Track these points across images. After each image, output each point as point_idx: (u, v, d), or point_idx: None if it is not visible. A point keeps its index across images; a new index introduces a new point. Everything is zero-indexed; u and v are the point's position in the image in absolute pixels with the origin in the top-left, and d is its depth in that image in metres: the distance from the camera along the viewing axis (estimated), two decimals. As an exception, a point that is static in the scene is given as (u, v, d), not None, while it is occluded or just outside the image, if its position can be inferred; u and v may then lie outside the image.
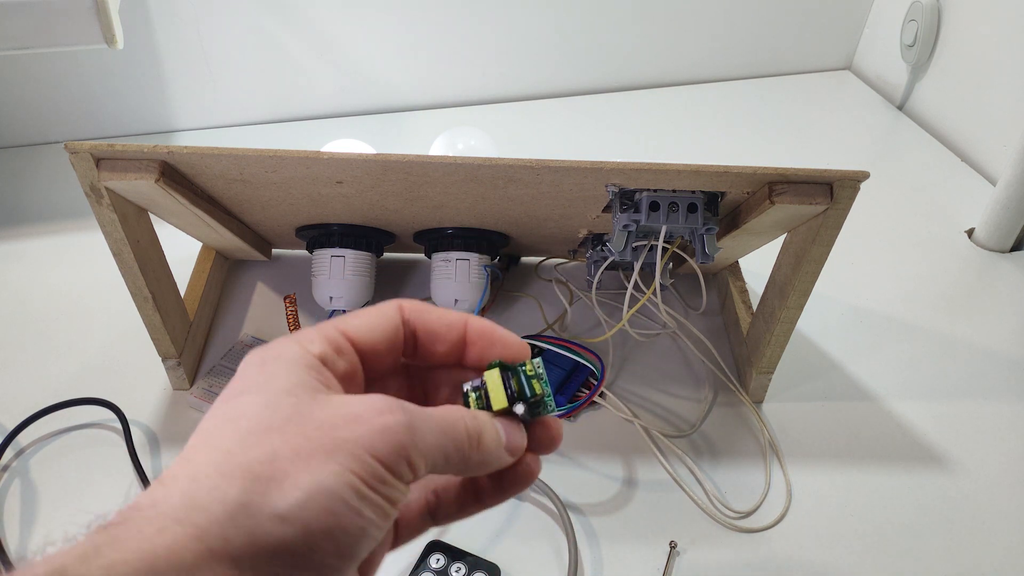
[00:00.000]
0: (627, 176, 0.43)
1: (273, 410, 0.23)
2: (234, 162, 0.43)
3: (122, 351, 0.57)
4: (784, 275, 0.49)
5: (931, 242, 0.71)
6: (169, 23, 0.77)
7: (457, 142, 0.69)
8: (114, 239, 0.45)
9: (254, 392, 0.24)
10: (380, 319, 0.27)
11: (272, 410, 0.23)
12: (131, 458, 0.49)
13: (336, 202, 0.49)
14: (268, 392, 0.24)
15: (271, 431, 0.23)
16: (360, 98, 0.87)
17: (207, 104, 0.83)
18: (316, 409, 0.23)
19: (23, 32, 0.53)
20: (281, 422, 0.23)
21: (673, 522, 0.47)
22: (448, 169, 0.43)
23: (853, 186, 0.42)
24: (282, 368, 0.24)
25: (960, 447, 0.52)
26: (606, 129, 0.86)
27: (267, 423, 0.23)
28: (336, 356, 0.26)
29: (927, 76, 0.87)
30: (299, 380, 0.24)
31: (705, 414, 0.54)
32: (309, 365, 0.25)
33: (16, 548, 0.45)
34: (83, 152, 0.41)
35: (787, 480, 0.50)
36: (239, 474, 0.22)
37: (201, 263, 0.60)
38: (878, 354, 0.59)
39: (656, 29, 0.89)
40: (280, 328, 0.57)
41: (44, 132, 0.80)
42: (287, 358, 0.25)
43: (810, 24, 0.94)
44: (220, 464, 0.22)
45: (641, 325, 0.61)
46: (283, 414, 0.23)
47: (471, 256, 0.54)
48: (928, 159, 0.82)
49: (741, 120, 0.88)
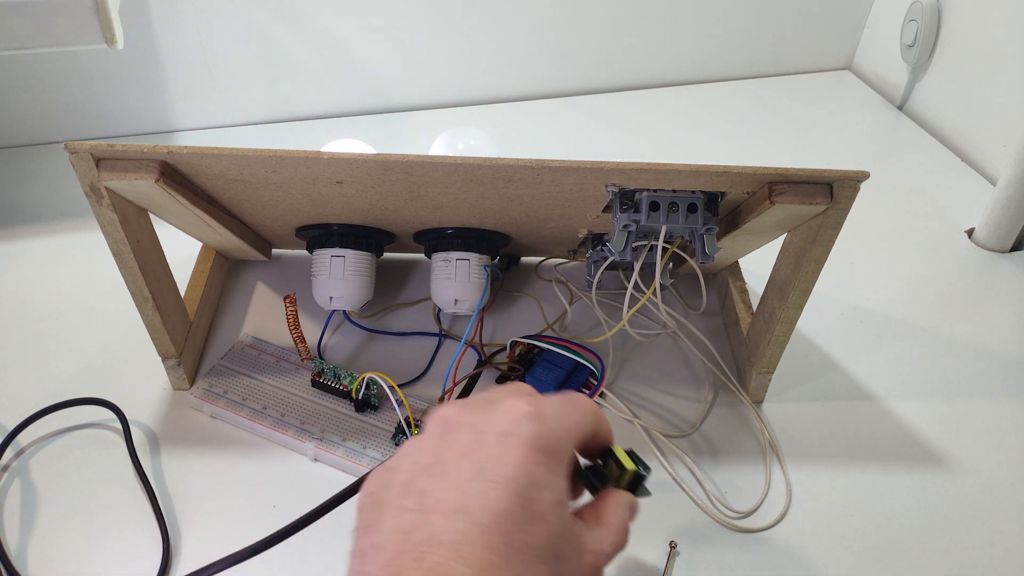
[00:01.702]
0: (627, 176, 0.43)
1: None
2: (234, 162, 0.43)
3: (122, 351, 0.57)
4: (784, 275, 0.49)
5: (931, 242, 0.71)
6: (169, 23, 0.77)
7: (457, 142, 0.69)
8: (114, 239, 0.45)
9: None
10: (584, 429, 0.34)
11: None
12: (131, 458, 0.49)
13: (336, 202, 0.49)
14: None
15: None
16: (360, 98, 0.87)
17: (207, 104, 0.83)
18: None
19: (23, 32, 0.53)
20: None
21: (673, 522, 0.47)
22: (448, 169, 0.43)
23: (853, 186, 0.42)
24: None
25: (960, 447, 0.52)
26: (606, 129, 0.86)
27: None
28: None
29: (927, 76, 0.87)
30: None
31: (705, 414, 0.54)
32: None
33: (16, 548, 0.45)
34: (83, 152, 0.41)
35: (787, 480, 0.50)
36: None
37: (201, 263, 0.60)
38: (878, 354, 0.59)
39: (656, 29, 0.90)
40: (280, 328, 0.58)
41: (44, 132, 0.80)
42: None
43: (810, 24, 0.94)
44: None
45: (641, 325, 0.61)
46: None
47: (471, 256, 0.54)
48: (928, 159, 0.82)
49: (741, 120, 0.88)
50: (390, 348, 0.58)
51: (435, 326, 0.60)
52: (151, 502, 0.47)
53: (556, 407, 0.32)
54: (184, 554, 0.45)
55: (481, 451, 0.30)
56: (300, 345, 0.54)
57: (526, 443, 0.30)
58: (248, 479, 0.49)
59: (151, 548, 0.45)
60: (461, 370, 0.53)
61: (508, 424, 0.31)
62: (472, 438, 0.31)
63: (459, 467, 0.30)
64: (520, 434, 0.30)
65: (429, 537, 0.27)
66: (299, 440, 0.50)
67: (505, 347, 0.56)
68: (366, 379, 0.51)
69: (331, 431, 0.50)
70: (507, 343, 0.56)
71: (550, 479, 0.30)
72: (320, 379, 0.52)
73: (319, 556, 0.44)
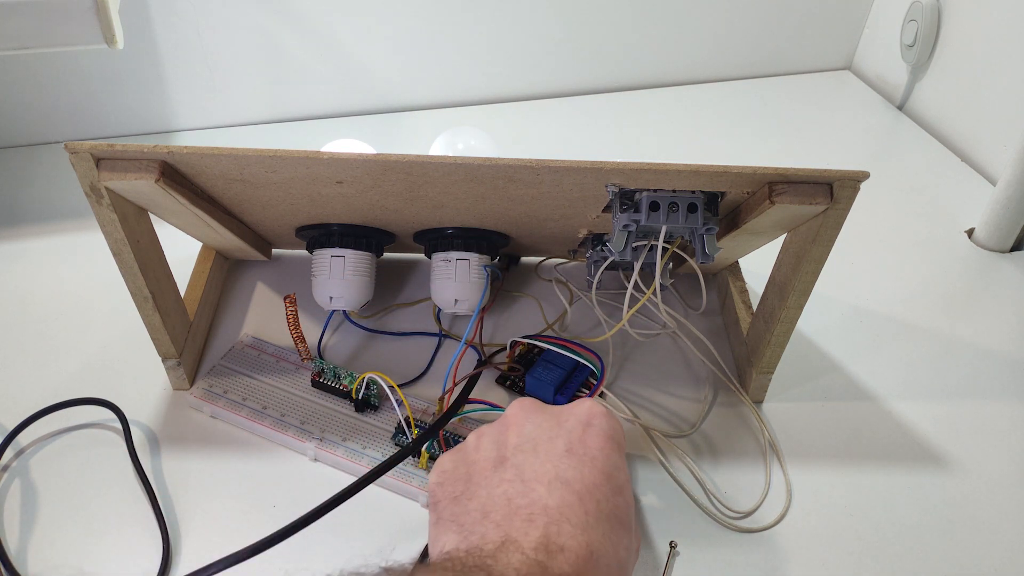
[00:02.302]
0: (627, 176, 0.43)
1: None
2: (234, 162, 0.43)
3: (122, 351, 0.57)
4: (784, 275, 0.49)
5: (931, 242, 0.71)
6: (169, 23, 0.77)
7: (457, 142, 0.69)
8: (114, 239, 0.45)
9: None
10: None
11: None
12: (131, 458, 0.49)
13: (336, 202, 0.49)
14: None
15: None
16: (360, 98, 0.87)
17: (207, 104, 0.83)
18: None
19: (23, 32, 0.53)
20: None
21: (673, 522, 0.47)
22: (448, 169, 0.43)
23: (853, 186, 0.42)
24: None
25: (960, 447, 0.52)
26: (606, 129, 0.86)
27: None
28: None
29: (927, 76, 0.87)
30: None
31: (705, 414, 0.54)
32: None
33: (16, 548, 0.45)
34: (83, 152, 0.41)
35: (787, 480, 0.50)
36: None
37: (201, 263, 0.60)
38: (878, 354, 0.59)
39: (656, 29, 0.90)
40: (280, 328, 0.58)
41: (44, 132, 0.80)
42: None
43: (810, 24, 0.94)
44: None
45: (641, 325, 0.61)
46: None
47: (471, 256, 0.54)
48: (928, 159, 0.82)
49: (741, 120, 0.88)
50: (390, 348, 0.58)
51: (435, 326, 0.60)
52: (151, 502, 0.47)
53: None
54: (184, 554, 0.45)
55: (566, 435, 0.38)
56: (300, 345, 0.54)
57: (604, 432, 0.38)
58: (248, 479, 0.49)
59: (151, 548, 0.45)
60: (461, 370, 0.53)
61: (588, 416, 0.39)
62: (555, 424, 0.39)
63: (549, 447, 0.37)
64: (599, 425, 0.38)
65: (533, 502, 0.34)
66: (299, 440, 0.50)
67: (505, 347, 0.56)
68: (366, 379, 0.51)
69: (331, 431, 0.50)
70: (507, 343, 0.56)
71: (622, 462, 0.37)
72: (320, 379, 0.52)
73: (319, 556, 0.44)
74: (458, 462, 0.39)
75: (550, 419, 0.39)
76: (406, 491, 0.48)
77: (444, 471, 0.39)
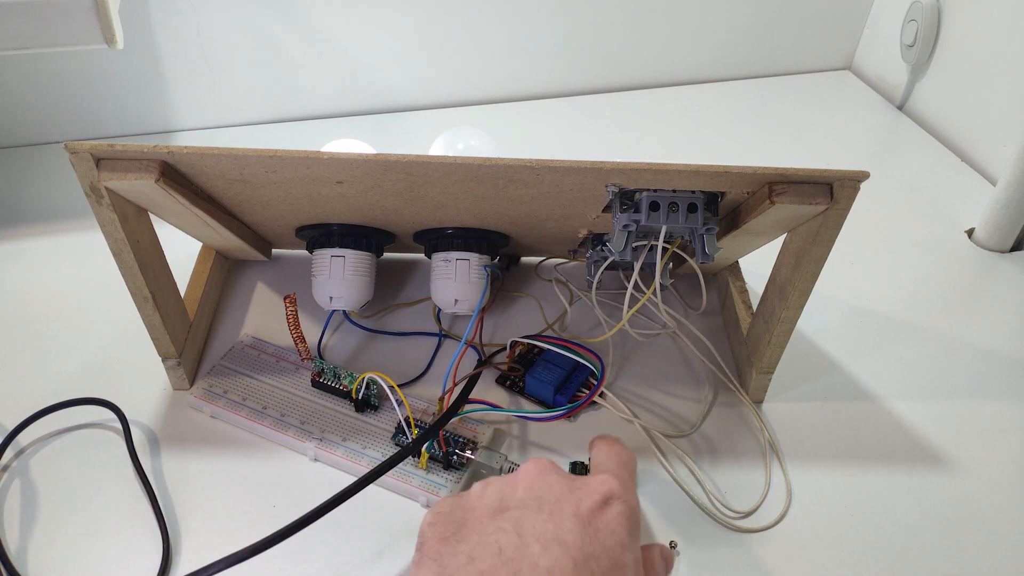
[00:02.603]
0: (627, 176, 0.43)
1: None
2: (234, 162, 0.43)
3: (122, 351, 0.57)
4: (784, 275, 0.49)
5: (931, 242, 0.71)
6: (169, 23, 0.77)
7: (457, 142, 0.69)
8: (114, 239, 0.45)
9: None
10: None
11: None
12: (131, 458, 0.49)
13: (336, 202, 0.49)
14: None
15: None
16: (360, 98, 0.87)
17: (207, 104, 0.83)
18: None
19: (23, 32, 0.53)
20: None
21: (673, 522, 0.47)
22: (448, 169, 0.43)
23: (853, 186, 0.42)
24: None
25: (960, 447, 0.52)
26: (606, 129, 0.86)
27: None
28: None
29: (927, 76, 0.87)
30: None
31: (705, 414, 0.54)
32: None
33: (16, 548, 0.45)
34: (83, 152, 0.41)
35: (787, 480, 0.50)
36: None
37: (201, 263, 0.60)
38: (878, 354, 0.59)
39: (656, 29, 0.90)
40: (280, 328, 0.58)
41: (44, 132, 0.80)
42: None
43: (810, 24, 0.94)
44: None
45: (641, 325, 0.61)
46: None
47: (471, 256, 0.54)
48: (928, 159, 0.82)
49: (741, 120, 0.88)
50: (390, 348, 0.58)
51: (435, 326, 0.60)
52: (151, 502, 0.47)
53: (631, 480, 0.39)
54: (184, 554, 0.45)
55: (576, 501, 0.35)
56: (300, 345, 0.54)
57: (622, 513, 0.35)
58: (248, 479, 0.49)
59: (151, 548, 0.45)
60: (461, 370, 0.53)
61: (608, 493, 0.36)
62: (569, 488, 0.36)
63: (556, 507, 0.35)
64: (617, 506, 0.36)
65: (524, 557, 0.32)
66: (299, 440, 0.50)
67: (505, 347, 0.56)
68: (366, 379, 0.51)
69: (331, 431, 0.50)
70: (507, 343, 0.56)
71: (634, 545, 0.35)
72: (320, 379, 0.52)
73: (319, 556, 0.44)
74: (455, 506, 0.37)
75: (565, 482, 0.37)
76: (406, 491, 0.48)
77: (439, 512, 0.37)
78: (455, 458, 0.48)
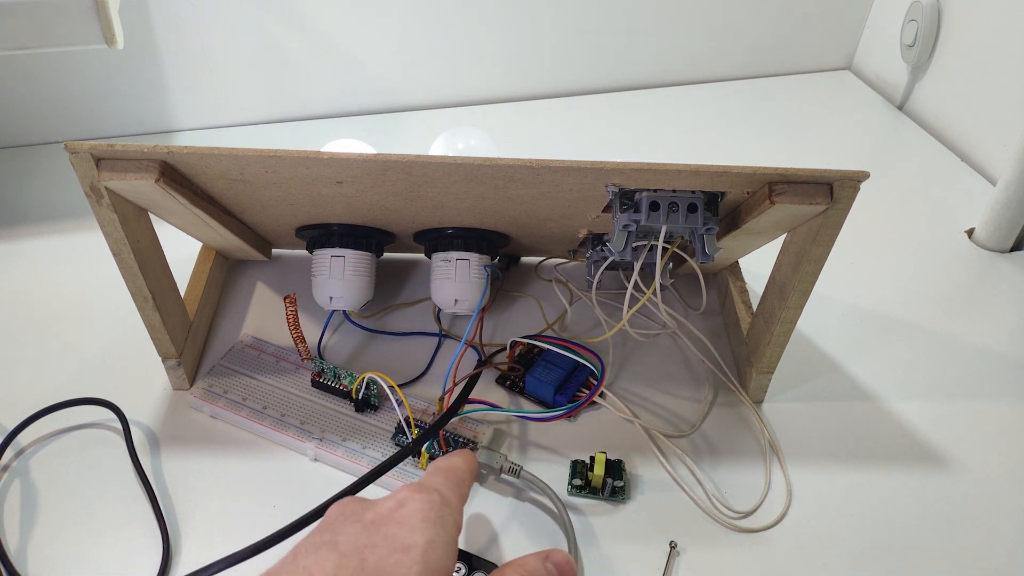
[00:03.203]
0: (627, 176, 0.43)
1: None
2: (234, 162, 0.43)
3: (122, 351, 0.57)
4: (784, 275, 0.49)
5: (931, 242, 0.71)
6: (169, 23, 0.77)
7: (457, 142, 0.69)
8: (114, 239, 0.45)
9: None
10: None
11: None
12: (131, 458, 0.49)
13: (336, 202, 0.49)
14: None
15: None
16: (360, 98, 0.87)
17: (207, 104, 0.83)
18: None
19: (23, 32, 0.52)
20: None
21: (673, 522, 0.47)
22: (448, 169, 0.43)
23: (853, 186, 0.42)
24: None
25: (960, 447, 0.52)
26: (606, 129, 0.86)
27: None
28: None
29: (927, 76, 0.87)
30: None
31: (705, 414, 0.54)
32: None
33: (16, 548, 0.45)
34: (83, 152, 0.41)
35: (787, 480, 0.50)
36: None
37: (201, 263, 0.60)
38: (878, 354, 0.59)
39: (655, 29, 0.90)
40: (280, 328, 0.58)
41: (44, 132, 0.80)
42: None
43: (810, 24, 0.94)
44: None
45: (641, 325, 0.61)
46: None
47: (471, 256, 0.54)
48: (928, 159, 0.82)
49: (741, 120, 0.88)
50: (390, 348, 0.58)
51: (435, 326, 0.60)
52: (151, 502, 0.47)
53: (446, 481, 0.38)
54: (184, 554, 0.45)
55: (363, 514, 0.35)
56: (300, 345, 0.54)
57: (414, 509, 0.35)
58: (248, 479, 0.49)
59: (151, 548, 0.45)
60: (461, 370, 0.53)
61: (399, 498, 0.36)
62: (361, 507, 0.36)
63: (338, 525, 0.35)
64: (410, 501, 0.35)
65: (286, 564, 0.33)
66: (299, 440, 0.50)
67: (505, 347, 0.56)
68: (366, 379, 0.51)
69: (331, 431, 0.50)
70: (507, 343, 0.56)
71: (431, 528, 0.34)
72: (320, 379, 0.52)
73: (319, 556, 0.44)
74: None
75: (359, 506, 0.36)
76: (406, 491, 0.48)
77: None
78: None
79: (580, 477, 0.49)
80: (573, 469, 0.49)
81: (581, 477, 0.49)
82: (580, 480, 0.48)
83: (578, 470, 0.49)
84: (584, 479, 0.48)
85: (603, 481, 0.47)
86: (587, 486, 0.48)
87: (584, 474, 0.49)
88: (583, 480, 0.48)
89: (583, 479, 0.48)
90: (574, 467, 0.49)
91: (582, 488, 0.48)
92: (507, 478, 0.48)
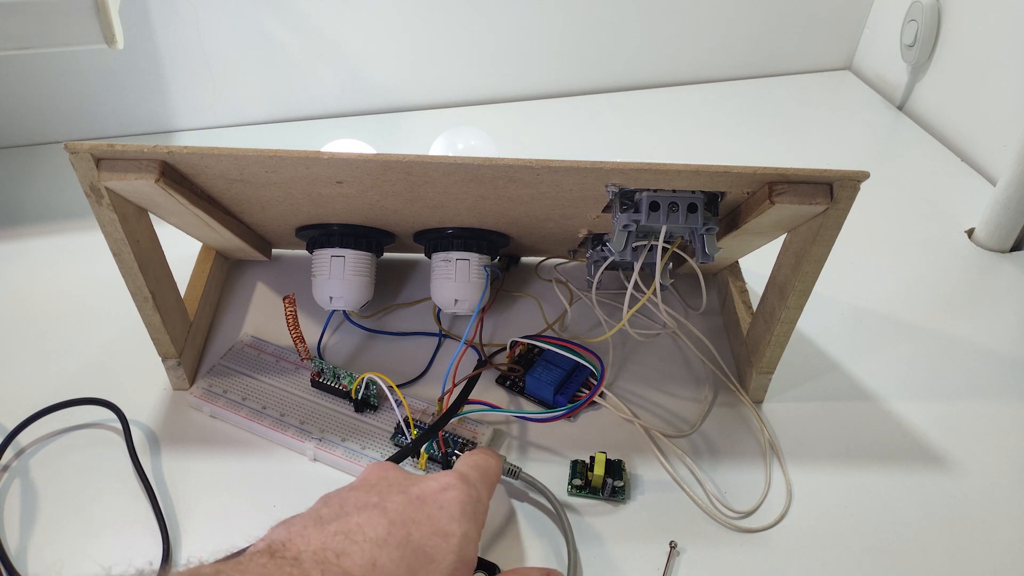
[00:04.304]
0: (627, 176, 0.43)
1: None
2: (234, 162, 0.43)
3: (122, 351, 0.57)
4: (784, 275, 0.49)
5: (931, 242, 0.71)
6: (169, 23, 0.77)
7: (457, 142, 0.69)
8: (114, 239, 0.45)
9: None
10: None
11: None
12: (131, 458, 0.49)
13: (336, 202, 0.49)
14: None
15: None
16: (360, 98, 0.87)
17: (207, 104, 0.83)
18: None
19: (23, 32, 0.52)
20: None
21: (673, 522, 0.47)
22: (448, 169, 0.43)
23: (853, 186, 0.42)
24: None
25: (960, 447, 0.52)
26: (606, 129, 0.86)
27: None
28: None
29: (927, 76, 0.87)
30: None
31: (705, 414, 0.54)
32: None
33: (16, 548, 0.45)
34: (83, 152, 0.41)
35: (787, 480, 0.50)
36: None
37: (201, 263, 0.60)
38: (878, 354, 0.59)
39: (656, 29, 0.90)
40: (280, 328, 0.57)
41: (44, 132, 0.80)
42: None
43: (810, 24, 0.94)
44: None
45: (641, 325, 0.61)
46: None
47: (471, 256, 0.54)
48: (928, 159, 0.82)
49: (741, 120, 0.88)
50: (390, 348, 0.58)
51: (435, 326, 0.60)
52: (151, 502, 0.47)
53: (482, 480, 0.40)
54: (184, 554, 0.45)
55: (409, 487, 0.37)
56: (300, 345, 0.54)
57: (458, 498, 0.37)
58: (247, 479, 0.49)
59: (151, 548, 0.45)
60: (461, 370, 0.53)
61: (447, 482, 0.37)
62: (406, 478, 0.38)
63: (385, 489, 0.36)
64: (454, 492, 0.37)
65: (340, 518, 0.34)
66: (299, 440, 0.50)
67: (505, 347, 0.56)
68: (366, 379, 0.51)
69: (330, 431, 0.50)
70: (507, 343, 0.56)
71: (467, 522, 0.36)
72: (320, 379, 0.52)
73: (319, 556, 0.44)
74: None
75: (403, 476, 0.38)
76: (406, 491, 0.48)
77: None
78: (454, 459, 0.48)
79: (580, 477, 0.49)
80: (573, 469, 0.49)
81: (581, 477, 0.49)
82: (580, 480, 0.48)
83: (578, 470, 0.49)
84: (584, 479, 0.48)
85: (603, 481, 0.47)
86: (587, 486, 0.48)
87: (584, 474, 0.49)
88: (583, 480, 0.48)
89: (583, 479, 0.48)
90: (574, 467, 0.49)
91: (582, 488, 0.48)
92: (506, 479, 0.48)
